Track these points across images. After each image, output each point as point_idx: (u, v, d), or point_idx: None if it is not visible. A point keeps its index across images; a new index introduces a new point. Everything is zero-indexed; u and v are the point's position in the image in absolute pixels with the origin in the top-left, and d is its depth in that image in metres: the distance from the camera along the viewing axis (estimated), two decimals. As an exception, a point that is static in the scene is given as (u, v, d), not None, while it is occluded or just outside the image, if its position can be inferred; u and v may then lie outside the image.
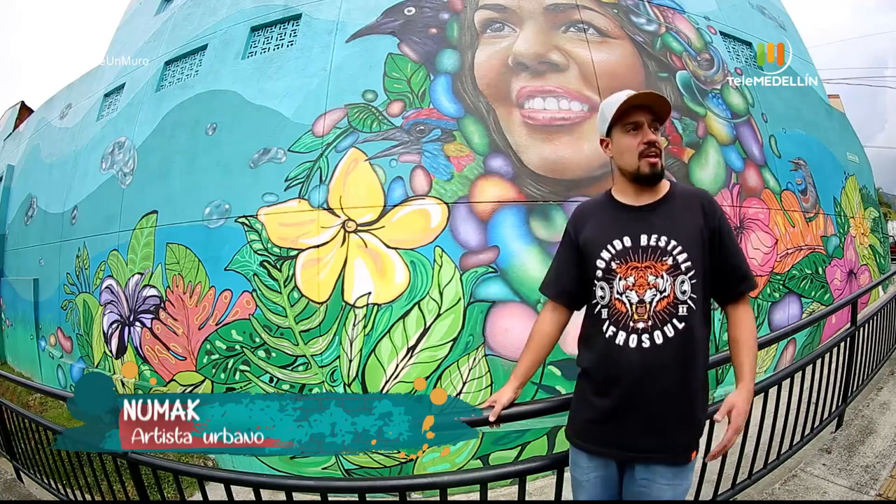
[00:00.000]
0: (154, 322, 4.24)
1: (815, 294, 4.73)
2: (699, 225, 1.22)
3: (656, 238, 1.21)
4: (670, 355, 1.17)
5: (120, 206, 4.83)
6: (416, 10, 4.03)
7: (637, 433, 1.20)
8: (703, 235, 1.21)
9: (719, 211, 1.26)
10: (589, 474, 1.28)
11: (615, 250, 1.24)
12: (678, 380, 1.18)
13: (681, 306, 1.18)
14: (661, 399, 1.18)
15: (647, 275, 1.20)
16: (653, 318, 1.18)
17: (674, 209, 1.25)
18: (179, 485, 1.86)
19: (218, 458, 3.73)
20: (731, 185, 4.16)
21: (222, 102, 4.33)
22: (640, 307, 1.20)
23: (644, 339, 1.18)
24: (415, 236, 3.40)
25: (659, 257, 1.20)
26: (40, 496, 2.84)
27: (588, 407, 1.29)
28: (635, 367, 1.18)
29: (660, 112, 1.25)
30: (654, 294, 1.19)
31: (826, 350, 2.46)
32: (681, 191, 1.30)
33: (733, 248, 1.26)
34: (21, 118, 9.62)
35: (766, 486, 2.21)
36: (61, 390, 4.35)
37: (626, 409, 1.21)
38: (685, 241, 1.20)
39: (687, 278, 1.19)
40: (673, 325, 1.18)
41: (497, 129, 3.59)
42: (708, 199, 1.28)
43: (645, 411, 1.19)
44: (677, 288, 1.18)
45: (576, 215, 1.40)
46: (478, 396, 3.22)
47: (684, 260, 1.19)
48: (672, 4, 4.72)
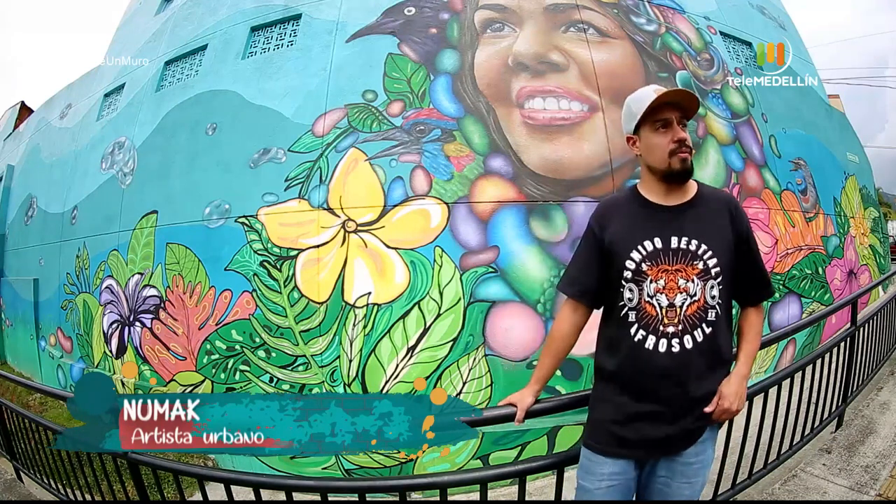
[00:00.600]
0: (154, 322, 4.24)
1: (815, 294, 4.73)
2: (728, 230, 1.23)
3: (687, 241, 1.20)
4: (698, 359, 1.19)
5: (120, 206, 4.83)
6: (416, 10, 4.03)
7: (665, 433, 1.21)
8: (731, 242, 1.22)
9: (746, 217, 1.27)
10: (601, 483, 1.26)
11: (646, 252, 1.21)
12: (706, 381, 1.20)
13: (710, 311, 1.19)
14: (686, 401, 1.20)
15: (677, 278, 1.19)
16: (683, 323, 1.18)
17: (704, 212, 1.24)
18: (179, 485, 1.86)
19: (218, 458, 3.73)
20: (731, 185, 4.16)
21: (222, 102, 4.33)
22: (671, 311, 1.18)
23: (674, 344, 1.18)
24: (415, 236, 3.40)
25: (690, 261, 1.19)
26: (40, 496, 2.84)
27: (613, 409, 1.26)
28: (665, 371, 1.18)
29: (688, 108, 1.23)
30: (684, 298, 1.18)
31: (826, 350, 2.46)
32: (709, 194, 1.29)
33: (758, 255, 1.28)
34: (21, 118, 9.62)
35: (766, 486, 2.21)
36: (61, 390, 4.35)
37: (656, 410, 1.20)
38: (715, 245, 1.20)
39: (716, 283, 1.20)
40: (702, 330, 1.19)
41: (497, 129, 3.59)
42: (735, 204, 1.29)
43: (673, 413, 1.20)
44: (707, 293, 1.19)
45: (600, 213, 1.33)
46: (478, 396, 3.22)
47: (714, 265, 1.19)
48: (672, 4, 4.72)
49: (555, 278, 3.32)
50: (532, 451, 3.15)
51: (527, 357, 3.24)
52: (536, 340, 3.25)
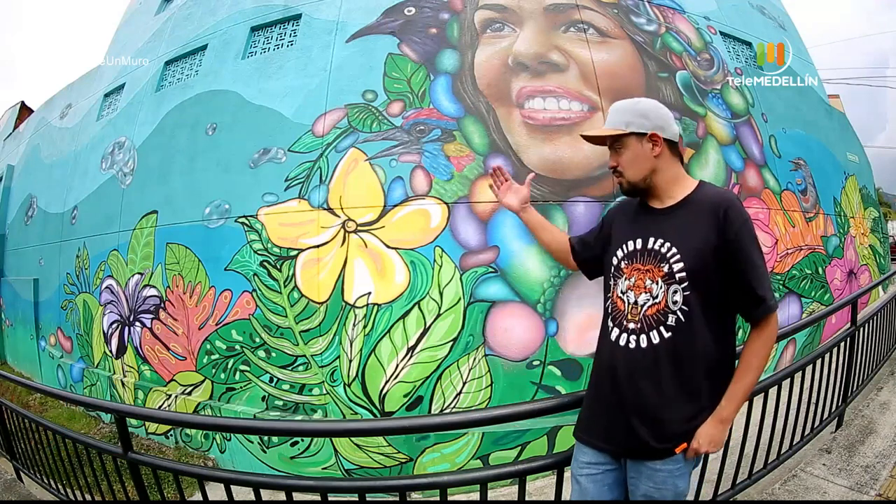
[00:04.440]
0: (154, 322, 4.24)
1: (815, 294, 4.73)
2: (709, 234, 1.15)
3: (661, 243, 1.21)
4: (651, 361, 1.17)
5: (120, 206, 4.83)
6: (416, 10, 4.03)
7: (619, 429, 1.22)
8: (714, 247, 1.14)
9: (738, 222, 1.14)
10: (581, 470, 1.30)
11: (626, 251, 1.28)
12: (655, 387, 1.16)
13: (670, 315, 1.16)
14: (635, 400, 1.19)
15: (645, 278, 1.21)
16: (641, 322, 1.20)
17: (687, 214, 1.21)
18: (179, 485, 1.86)
19: (218, 457, 3.73)
20: (732, 185, 4.17)
21: (222, 102, 4.33)
22: (634, 308, 1.22)
23: (631, 341, 1.20)
24: (415, 236, 3.40)
25: (658, 262, 1.20)
26: (40, 496, 2.84)
27: (589, 398, 1.35)
28: (621, 366, 1.22)
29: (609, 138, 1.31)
30: (647, 298, 1.20)
31: (826, 350, 2.46)
32: (703, 195, 1.23)
33: (748, 265, 1.14)
34: (21, 118, 9.62)
35: (766, 486, 2.21)
36: (61, 390, 4.35)
37: (611, 404, 1.24)
38: (686, 249, 1.16)
39: (680, 288, 1.16)
40: (659, 333, 1.17)
41: (497, 129, 3.59)
42: (727, 207, 1.16)
43: (622, 408, 1.21)
44: (669, 297, 1.17)
45: (612, 210, 1.49)
46: (478, 396, 3.22)
47: (679, 269, 1.16)
48: (672, 4, 4.72)
49: (555, 278, 3.32)
50: (532, 451, 3.15)
51: (527, 357, 3.24)
52: (536, 340, 3.25)
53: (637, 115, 1.26)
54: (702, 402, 1.18)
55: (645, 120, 1.25)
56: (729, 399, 1.18)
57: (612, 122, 1.29)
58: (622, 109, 1.29)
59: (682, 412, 1.17)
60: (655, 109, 1.27)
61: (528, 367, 3.23)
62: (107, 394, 4.68)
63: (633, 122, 1.25)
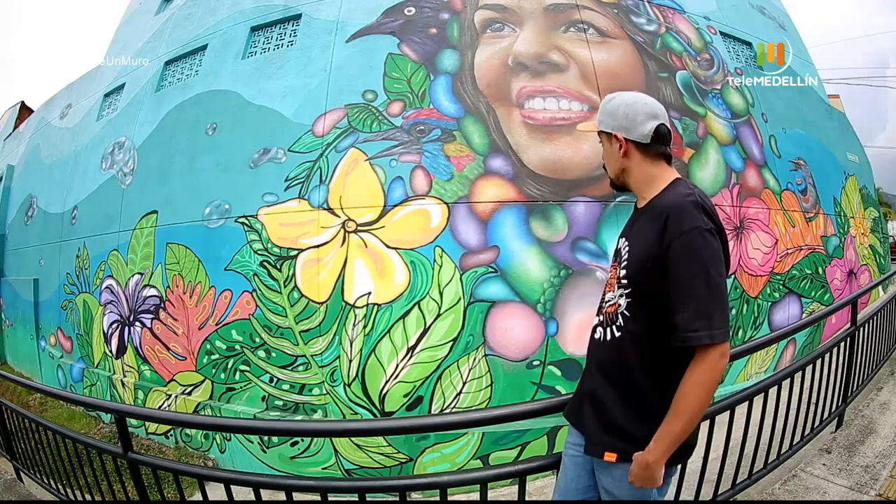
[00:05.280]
0: (154, 322, 4.24)
1: (815, 294, 4.73)
2: (652, 241, 1.08)
3: (624, 244, 1.23)
4: (606, 354, 1.21)
5: (120, 206, 4.83)
6: (416, 10, 4.03)
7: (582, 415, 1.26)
8: (654, 256, 1.07)
9: (676, 233, 1.03)
10: (568, 450, 1.34)
11: (614, 249, 1.31)
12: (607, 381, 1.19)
13: (619, 317, 1.18)
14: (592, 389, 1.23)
15: (613, 277, 1.25)
16: (604, 316, 1.24)
17: (645, 219, 1.16)
18: (179, 485, 1.86)
19: (218, 457, 3.73)
20: (731, 185, 4.17)
21: (222, 102, 4.33)
22: (604, 303, 1.27)
23: (597, 331, 1.26)
24: (415, 236, 3.40)
25: (619, 264, 1.22)
26: (40, 496, 2.84)
27: None
28: (590, 353, 1.30)
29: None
30: (611, 296, 1.22)
31: (826, 350, 2.46)
32: (661, 199, 1.15)
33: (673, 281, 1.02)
34: (21, 118, 9.63)
35: (766, 486, 2.21)
36: (61, 390, 4.35)
37: (580, 388, 1.31)
38: (632, 256, 1.15)
39: (625, 293, 1.16)
40: (612, 331, 1.20)
41: (497, 129, 3.59)
42: (673, 211, 1.05)
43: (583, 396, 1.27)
44: (620, 299, 1.18)
45: None
46: (478, 396, 3.22)
47: (624, 276, 1.16)
48: (672, 4, 4.72)
49: (555, 278, 3.32)
50: (532, 451, 3.15)
51: (527, 357, 3.24)
52: (536, 340, 3.25)
53: (605, 114, 1.23)
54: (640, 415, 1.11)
55: (610, 119, 1.22)
56: (656, 441, 1.05)
57: (596, 120, 1.29)
58: (601, 105, 1.27)
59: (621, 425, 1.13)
60: (625, 107, 1.18)
61: (528, 367, 3.23)
62: (107, 394, 4.68)
63: (603, 120, 1.25)
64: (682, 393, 1.03)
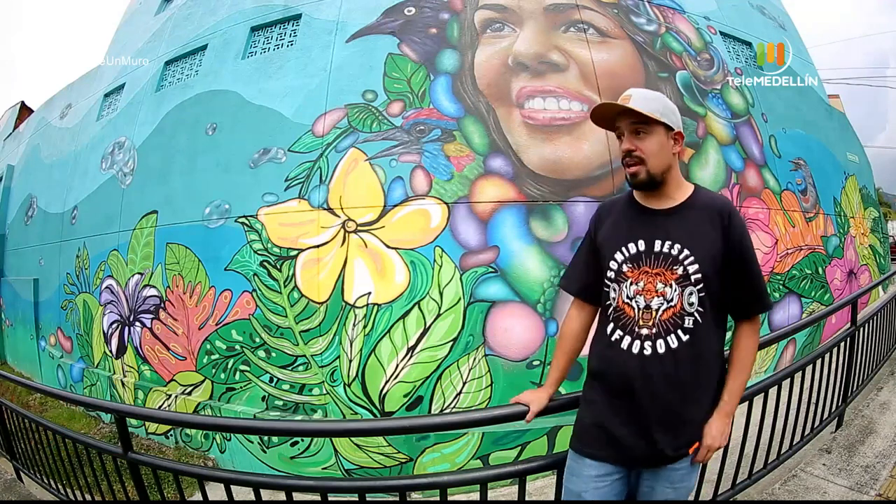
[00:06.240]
0: (154, 322, 4.24)
1: (815, 294, 4.73)
2: (716, 238, 1.17)
3: (670, 245, 1.18)
4: (671, 366, 1.15)
5: (120, 206, 4.83)
6: (416, 10, 4.03)
7: (633, 440, 1.18)
8: (720, 249, 1.17)
9: (740, 227, 1.19)
10: (588, 485, 1.24)
11: (629, 253, 1.23)
12: (677, 391, 1.15)
13: (687, 318, 1.16)
14: (656, 408, 1.16)
15: (656, 281, 1.18)
16: (657, 326, 1.17)
17: (692, 217, 1.21)
18: (179, 485, 1.86)
19: (218, 457, 3.73)
20: (732, 185, 4.17)
21: (222, 102, 4.33)
22: (646, 313, 1.18)
23: (646, 347, 1.17)
24: (415, 236, 3.40)
25: (670, 265, 1.17)
26: (40, 496, 2.84)
27: (596, 410, 1.26)
28: (635, 374, 1.17)
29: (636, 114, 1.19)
30: (661, 302, 1.17)
31: (826, 350, 2.46)
32: (703, 198, 1.24)
33: (751, 266, 1.20)
34: (21, 118, 9.63)
35: (766, 486, 2.21)
36: (61, 390, 4.35)
37: (624, 414, 1.19)
38: (699, 252, 1.16)
39: (696, 290, 1.16)
40: (677, 336, 1.16)
41: (497, 129, 3.59)
42: (730, 211, 1.20)
43: (641, 419, 1.17)
44: (685, 299, 1.16)
45: (597, 213, 1.40)
46: (478, 396, 3.22)
47: (695, 271, 1.16)
48: (672, 4, 4.72)
49: (555, 278, 3.32)
50: (532, 451, 3.15)
51: (527, 357, 3.24)
52: (536, 340, 3.25)
53: (669, 110, 1.22)
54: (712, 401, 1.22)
55: (675, 117, 1.24)
56: (731, 394, 1.22)
57: (646, 108, 1.18)
58: (653, 98, 1.21)
59: (703, 412, 1.20)
60: (670, 106, 1.25)
61: (528, 367, 3.23)
62: (107, 394, 4.68)
63: (666, 114, 1.21)
64: (747, 348, 1.24)
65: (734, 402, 1.23)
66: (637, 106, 1.18)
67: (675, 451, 1.17)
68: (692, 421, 1.19)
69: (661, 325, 1.16)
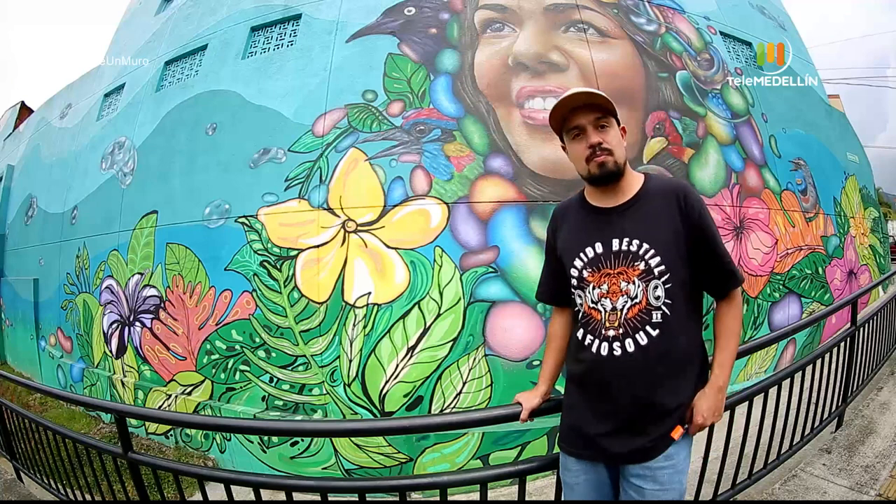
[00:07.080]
0: (154, 322, 4.24)
1: (815, 294, 4.73)
2: (675, 224, 1.16)
3: (628, 242, 1.17)
4: (642, 363, 1.14)
5: (120, 206, 4.83)
6: (416, 10, 4.03)
7: (609, 440, 1.17)
8: (681, 235, 1.16)
9: (698, 206, 1.17)
10: (578, 477, 1.26)
11: (587, 258, 1.22)
12: (650, 387, 1.14)
13: (654, 312, 1.14)
14: (629, 407, 1.15)
15: (619, 281, 1.17)
16: (624, 326, 1.15)
17: (647, 209, 1.19)
18: (179, 485, 1.86)
19: (218, 458, 3.73)
20: (731, 186, 4.17)
21: (222, 102, 4.33)
22: (612, 315, 1.17)
23: (615, 348, 1.15)
24: (415, 236, 3.40)
25: (631, 262, 1.16)
26: (40, 496, 2.84)
27: (573, 412, 1.27)
28: (606, 376, 1.16)
29: (602, 105, 1.19)
30: (625, 301, 1.15)
31: (826, 350, 2.46)
32: (655, 186, 1.22)
33: (715, 242, 1.18)
34: (21, 118, 9.63)
35: (766, 486, 2.21)
36: (61, 390, 4.34)
37: (600, 415, 1.19)
38: (658, 243, 1.15)
39: (661, 283, 1.14)
40: (646, 332, 1.14)
41: (497, 129, 3.59)
42: (685, 192, 1.18)
43: (615, 418, 1.16)
44: (650, 293, 1.14)
45: (553, 218, 1.41)
46: (478, 396, 3.22)
47: (657, 264, 1.14)
48: (672, 4, 4.72)
49: (555, 278, 3.32)
50: (532, 451, 3.15)
51: (527, 357, 3.24)
52: (536, 340, 3.25)
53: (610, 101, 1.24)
54: (694, 386, 1.20)
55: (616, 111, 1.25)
56: (721, 367, 1.20)
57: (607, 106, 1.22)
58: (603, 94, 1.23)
59: (679, 401, 1.17)
60: None
61: (528, 367, 3.23)
62: (107, 394, 4.68)
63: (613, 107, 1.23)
64: (730, 318, 1.22)
65: (726, 373, 1.20)
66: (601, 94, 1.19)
67: (653, 444, 1.15)
68: (669, 413, 1.16)
69: (628, 324, 1.15)
